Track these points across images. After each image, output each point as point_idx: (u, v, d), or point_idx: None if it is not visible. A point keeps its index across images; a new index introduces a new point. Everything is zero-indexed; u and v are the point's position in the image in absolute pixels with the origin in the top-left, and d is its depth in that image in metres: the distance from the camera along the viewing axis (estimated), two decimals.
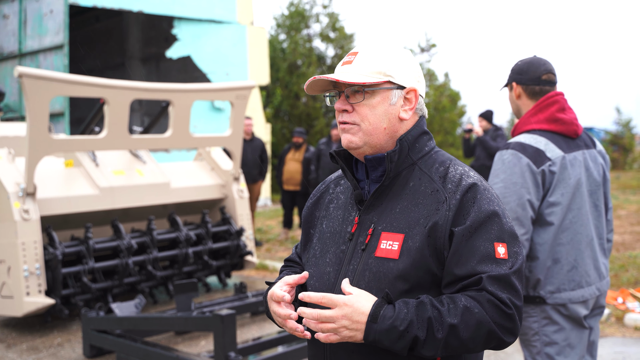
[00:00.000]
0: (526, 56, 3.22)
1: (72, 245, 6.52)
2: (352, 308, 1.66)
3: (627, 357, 5.35)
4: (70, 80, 6.04)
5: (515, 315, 1.68)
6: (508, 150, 2.99)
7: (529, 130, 3.06)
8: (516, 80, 3.13)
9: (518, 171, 2.92)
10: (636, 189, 17.91)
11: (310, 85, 1.87)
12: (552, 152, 2.97)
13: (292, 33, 22.53)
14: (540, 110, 3.07)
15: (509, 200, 2.91)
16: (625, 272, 7.93)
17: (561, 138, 3.04)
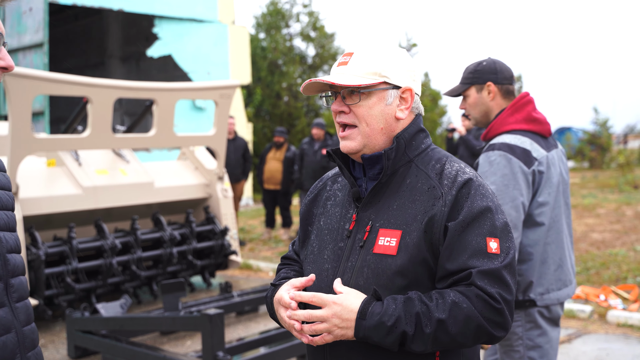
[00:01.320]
0: (482, 57, 3.18)
1: (55, 245, 6.46)
2: (341, 306, 1.69)
3: (610, 353, 5.42)
4: (54, 79, 5.99)
5: (505, 310, 1.70)
6: (495, 152, 2.93)
7: (510, 130, 3.02)
8: (492, 80, 3.06)
9: (509, 172, 2.87)
10: (614, 188, 18.12)
11: (306, 86, 1.88)
12: (537, 152, 2.96)
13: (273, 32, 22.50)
14: (517, 110, 3.04)
15: (502, 203, 2.83)
16: (607, 269, 8.02)
17: (540, 137, 3.05)
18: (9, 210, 1.85)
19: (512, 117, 3.03)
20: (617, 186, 18.30)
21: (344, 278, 1.81)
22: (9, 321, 1.73)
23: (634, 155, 26.79)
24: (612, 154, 27.10)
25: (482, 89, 3.08)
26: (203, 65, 15.89)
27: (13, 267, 1.78)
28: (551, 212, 2.97)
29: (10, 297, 1.75)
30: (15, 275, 1.79)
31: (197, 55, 15.83)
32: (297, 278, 1.87)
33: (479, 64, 3.10)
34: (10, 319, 1.74)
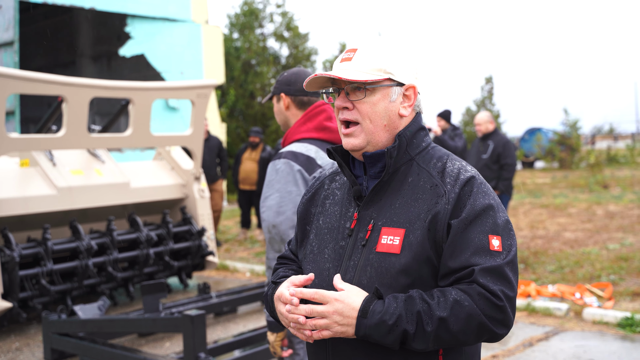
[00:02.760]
0: (293, 68, 3.28)
1: (29, 246, 6.36)
2: (343, 304, 1.68)
3: (587, 350, 5.49)
4: (29, 78, 5.89)
5: (507, 307, 1.70)
6: (281, 160, 3.00)
7: (300, 139, 3.11)
8: (285, 92, 3.17)
9: (292, 179, 2.95)
10: (584, 188, 18.39)
11: (309, 82, 1.86)
12: (322, 159, 3.03)
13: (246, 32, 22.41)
14: (309, 119, 3.12)
15: (286, 209, 2.91)
16: (581, 268, 8.13)
17: (329, 146, 3.11)
18: None
19: (304, 126, 3.12)
20: (587, 186, 18.59)
21: (346, 277, 1.80)
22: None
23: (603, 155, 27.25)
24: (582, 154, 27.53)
25: (280, 100, 3.20)
26: (176, 64, 15.76)
27: None
28: None
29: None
30: None
31: (170, 54, 15.69)
32: (297, 276, 1.85)
33: (281, 75, 3.25)
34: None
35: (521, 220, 12.60)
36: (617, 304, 6.60)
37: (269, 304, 1.94)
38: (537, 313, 6.57)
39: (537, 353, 5.50)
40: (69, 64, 17.88)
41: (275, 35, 22.75)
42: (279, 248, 2.94)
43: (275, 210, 2.94)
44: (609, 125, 44.05)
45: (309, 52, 22.87)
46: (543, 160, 29.68)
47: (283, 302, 1.80)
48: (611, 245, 9.42)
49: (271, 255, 3.01)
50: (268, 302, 1.96)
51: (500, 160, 8.53)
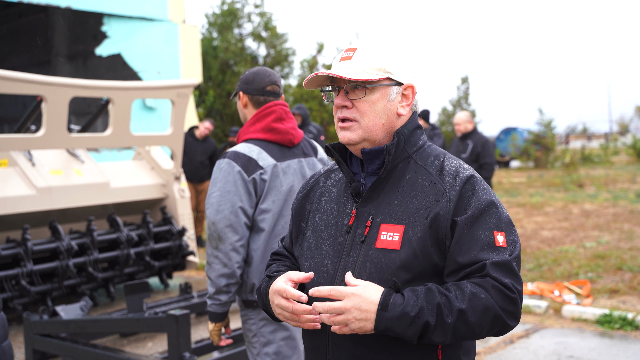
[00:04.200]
0: (254, 67, 3.35)
1: (8, 247, 6.29)
2: (360, 298, 1.67)
3: (567, 347, 5.57)
4: (7, 77, 5.82)
5: (518, 300, 1.74)
6: (224, 160, 3.08)
7: (247, 139, 3.18)
8: (243, 90, 3.24)
9: (231, 180, 3.03)
10: (560, 187, 18.63)
11: (309, 80, 1.88)
12: (264, 160, 3.10)
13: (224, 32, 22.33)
14: (258, 120, 3.19)
15: (224, 207, 3.01)
16: (559, 266, 8.24)
17: (276, 147, 3.18)
18: None
19: (252, 127, 3.20)
20: (563, 185, 18.83)
21: (345, 273, 1.81)
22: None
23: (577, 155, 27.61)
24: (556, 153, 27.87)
25: (239, 98, 3.27)
26: (153, 64, 15.65)
27: None
28: (275, 220, 3.11)
29: None
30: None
31: (147, 54, 15.58)
32: (295, 272, 1.86)
33: (243, 74, 3.31)
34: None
35: None
36: (595, 301, 6.71)
37: (262, 297, 1.95)
38: None
39: (518, 350, 5.57)
40: (45, 63, 17.68)
41: (253, 35, 22.70)
42: (216, 245, 3.02)
43: (215, 208, 3.02)
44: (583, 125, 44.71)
45: (286, 52, 22.85)
46: (518, 159, 29.99)
47: (285, 297, 1.80)
48: (588, 244, 9.56)
49: (209, 251, 3.07)
50: (261, 295, 1.96)
51: (479, 160, 8.62)
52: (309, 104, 20.26)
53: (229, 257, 3.01)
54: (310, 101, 20.58)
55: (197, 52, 16.89)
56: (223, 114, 21.32)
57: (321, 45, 22.63)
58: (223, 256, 3.02)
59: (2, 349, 1.60)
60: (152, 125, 14.57)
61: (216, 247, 3.03)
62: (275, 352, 3.12)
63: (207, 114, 20.74)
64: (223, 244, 3.01)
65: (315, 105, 20.52)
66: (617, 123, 62.96)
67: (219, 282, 3.04)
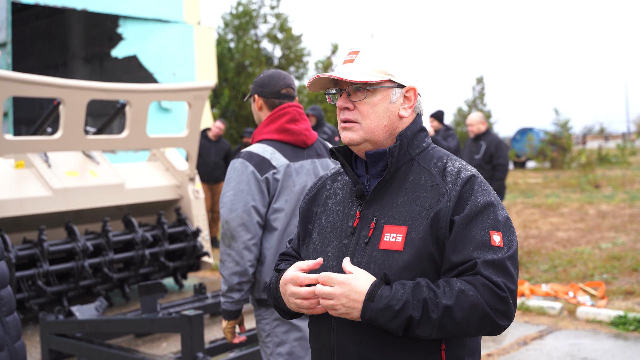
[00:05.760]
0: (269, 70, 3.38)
1: (25, 248, 6.37)
2: (349, 287, 1.72)
3: (581, 348, 5.54)
4: (27, 80, 5.88)
5: (509, 299, 1.74)
6: (238, 160, 3.14)
7: (261, 140, 3.23)
8: (258, 93, 3.28)
9: (245, 179, 3.08)
10: (576, 187, 18.51)
11: (312, 83, 1.91)
12: (277, 160, 3.14)
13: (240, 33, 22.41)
14: (272, 121, 3.23)
15: (237, 207, 3.05)
16: (574, 267, 8.20)
17: (290, 147, 3.22)
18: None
19: (266, 128, 3.25)
20: (579, 186, 18.70)
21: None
22: (1, 338, 1.60)
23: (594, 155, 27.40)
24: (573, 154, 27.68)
25: (254, 101, 3.32)
26: (168, 66, 15.75)
27: (1, 278, 1.65)
28: (288, 219, 3.14)
29: (0, 311, 1.62)
30: (3, 286, 1.65)
31: (162, 56, 15.68)
32: (305, 261, 1.89)
33: (257, 77, 3.35)
34: (2, 336, 1.61)
35: (514, 220, 12.68)
36: (610, 303, 6.67)
37: (273, 292, 1.99)
38: (531, 312, 6.62)
39: (531, 352, 5.55)
40: (61, 65, 17.83)
41: (268, 37, 22.77)
42: (229, 243, 3.06)
43: (229, 207, 3.06)
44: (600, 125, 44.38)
45: (301, 53, 22.89)
46: (534, 160, 29.83)
47: (299, 284, 1.84)
48: (603, 245, 9.50)
49: (222, 249, 3.11)
50: (271, 291, 2.00)
51: (492, 161, 8.58)
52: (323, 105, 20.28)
53: (241, 255, 3.05)
54: (325, 102, 20.60)
55: (212, 53, 16.98)
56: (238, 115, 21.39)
57: (335, 46, 22.65)
58: (235, 254, 3.06)
59: (15, 349, 1.63)
60: (167, 126, 14.66)
61: (229, 246, 3.07)
62: (288, 353, 3.16)
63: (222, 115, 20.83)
64: (236, 243, 3.05)
65: (330, 106, 20.54)
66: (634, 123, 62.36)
67: (231, 280, 3.09)
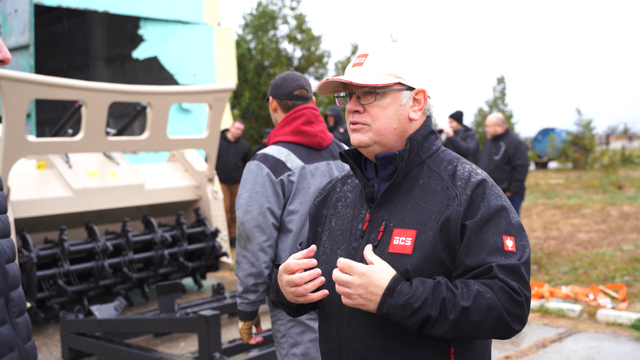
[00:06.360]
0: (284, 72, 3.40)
1: (46, 247, 6.44)
2: (369, 279, 1.71)
3: (601, 351, 5.49)
4: (50, 83, 5.95)
5: (525, 303, 1.74)
6: (254, 162, 3.16)
7: (277, 142, 3.24)
8: (272, 94, 3.31)
9: (260, 181, 3.10)
10: (598, 188, 18.32)
11: (321, 86, 1.91)
12: (292, 162, 3.14)
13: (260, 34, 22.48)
14: (287, 123, 3.24)
15: (252, 208, 3.07)
16: (594, 269, 8.12)
17: (305, 149, 3.23)
18: (2, 213, 1.71)
19: (281, 130, 3.27)
20: (601, 187, 18.52)
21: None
22: (11, 339, 1.62)
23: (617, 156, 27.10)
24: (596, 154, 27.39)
25: (270, 102, 3.35)
26: (189, 67, 15.84)
27: (12, 279, 1.66)
28: (301, 221, 3.15)
29: (11, 312, 1.64)
30: (14, 287, 1.67)
31: (182, 57, 15.77)
32: (299, 252, 1.90)
33: (273, 79, 3.37)
34: (13, 337, 1.62)
35: (534, 221, 12.58)
36: (631, 305, 6.60)
37: (273, 287, 2.01)
38: (550, 314, 6.57)
39: (550, 354, 5.51)
40: (83, 67, 18.02)
41: (288, 37, 22.81)
42: (245, 245, 3.09)
43: (244, 208, 3.09)
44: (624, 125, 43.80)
45: (321, 54, 22.91)
46: (556, 160, 29.58)
47: (290, 272, 1.84)
48: (625, 247, 9.40)
49: (238, 251, 3.14)
50: (273, 285, 2.02)
51: (512, 162, 8.52)
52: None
53: (256, 257, 3.08)
54: None
55: (232, 54, 17.04)
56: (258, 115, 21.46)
57: (355, 47, 22.64)
58: (251, 256, 3.08)
59: (25, 350, 1.65)
60: (187, 127, 14.74)
61: (244, 247, 3.10)
62: (302, 354, 3.17)
63: (243, 116, 20.91)
64: (251, 244, 3.08)
65: None
66: None
67: (247, 282, 3.11)
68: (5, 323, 1.62)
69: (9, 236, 1.71)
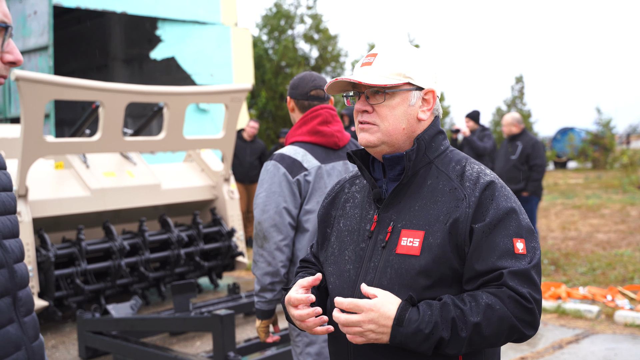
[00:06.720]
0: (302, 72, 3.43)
1: (64, 247, 6.50)
2: (378, 313, 1.70)
3: (618, 353, 5.44)
4: (67, 84, 6.00)
5: (535, 309, 1.73)
6: (271, 162, 3.18)
7: (293, 142, 3.26)
8: (290, 95, 3.34)
9: (277, 181, 3.12)
10: (618, 188, 18.14)
11: (330, 86, 1.91)
12: (308, 162, 3.16)
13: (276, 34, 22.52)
14: (304, 123, 3.26)
15: (269, 208, 3.10)
16: (613, 270, 8.04)
17: (321, 149, 3.25)
18: (11, 213, 1.71)
19: (298, 130, 3.29)
20: (621, 186, 18.33)
21: (367, 278, 1.83)
22: (18, 338, 1.63)
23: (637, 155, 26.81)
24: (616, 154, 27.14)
25: (288, 102, 3.37)
26: (206, 67, 15.91)
27: (20, 279, 1.66)
28: None
29: (18, 311, 1.65)
30: (22, 287, 1.68)
31: (200, 57, 15.84)
32: (305, 278, 1.90)
33: (292, 79, 3.40)
34: (20, 336, 1.64)
35: (552, 221, 12.49)
36: None
37: (284, 310, 2.01)
38: (567, 315, 6.52)
39: (566, 355, 5.47)
40: (102, 68, 18.16)
41: (305, 37, 22.83)
42: (262, 244, 3.12)
43: (261, 208, 3.12)
44: None
45: (337, 53, 22.90)
46: (576, 160, 29.33)
47: (293, 305, 1.87)
48: None
49: (255, 250, 3.18)
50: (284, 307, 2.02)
51: (529, 161, 8.46)
52: None
53: (273, 256, 3.10)
54: None
55: (249, 54, 17.08)
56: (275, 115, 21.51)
57: (372, 46, 22.60)
58: (268, 255, 3.11)
59: (32, 349, 1.67)
60: (205, 127, 14.81)
61: (261, 246, 3.13)
62: (317, 353, 3.18)
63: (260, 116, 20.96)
64: (268, 243, 3.11)
65: None
66: None
67: (263, 280, 3.14)
68: (12, 322, 1.63)
69: (17, 236, 1.72)
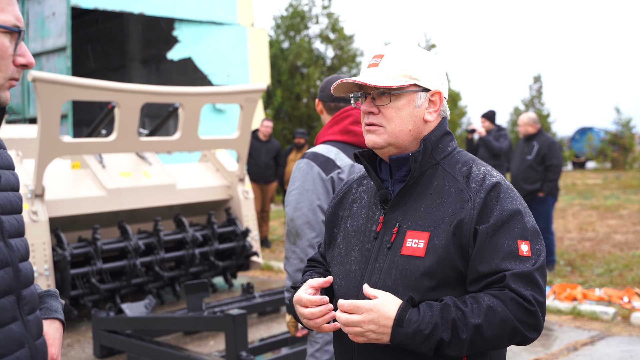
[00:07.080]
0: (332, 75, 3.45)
1: (80, 246, 6.56)
2: (378, 313, 1.71)
3: (634, 355, 5.39)
4: (83, 85, 6.06)
5: (538, 312, 1.72)
6: (303, 160, 3.21)
7: (325, 141, 3.28)
8: (319, 97, 3.38)
9: (310, 179, 3.15)
10: (637, 189, 17.96)
11: (336, 87, 1.91)
12: (341, 160, 3.19)
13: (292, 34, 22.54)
14: (335, 123, 3.30)
15: (302, 205, 3.13)
16: (630, 271, 7.97)
17: (352, 148, 3.26)
18: (18, 213, 1.73)
19: (330, 129, 3.32)
20: None
21: (372, 279, 1.83)
22: (22, 335, 1.64)
23: None
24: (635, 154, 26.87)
25: (317, 104, 3.39)
26: (222, 67, 15.97)
27: (25, 278, 1.68)
28: None
29: (22, 309, 1.66)
30: (27, 285, 1.69)
31: (216, 57, 15.91)
32: (315, 278, 1.91)
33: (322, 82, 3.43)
34: (23, 334, 1.65)
35: (570, 222, 12.39)
36: None
37: (291, 308, 2.01)
38: (583, 317, 6.47)
39: (581, 357, 5.43)
40: (119, 68, 18.29)
41: (320, 37, 22.83)
42: (294, 240, 3.14)
43: (294, 205, 3.15)
44: None
45: (353, 53, 22.88)
46: (594, 160, 29.07)
47: (302, 306, 1.87)
48: None
49: (287, 246, 3.20)
50: (290, 307, 2.02)
51: (545, 162, 8.40)
52: None
53: (306, 253, 3.12)
54: None
55: (265, 54, 17.12)
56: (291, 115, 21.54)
57: None
58: (300, 252, 3.13)
59: (35, 347, 1.69)
60: (221, 127, 14.87)
61: (294, 243, 3.15)
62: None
63: (275, 115, 21.00)
64: (300, 240, 3.13)
65: None
66: None
67: (295, 277, 3.16)
68: (16, 320, 1.64)
69: (23, 235, 1.74)
